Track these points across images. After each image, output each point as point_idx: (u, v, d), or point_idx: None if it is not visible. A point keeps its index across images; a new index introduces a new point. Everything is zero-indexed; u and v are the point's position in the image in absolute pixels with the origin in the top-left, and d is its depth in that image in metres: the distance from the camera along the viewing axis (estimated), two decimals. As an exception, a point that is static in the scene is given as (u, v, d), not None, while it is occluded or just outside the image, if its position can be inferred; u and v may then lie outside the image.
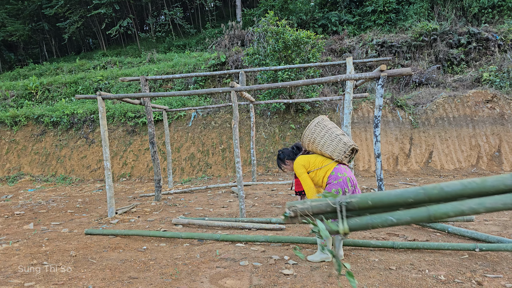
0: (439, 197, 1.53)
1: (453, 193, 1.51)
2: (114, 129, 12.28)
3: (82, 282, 3.22)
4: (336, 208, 1.69)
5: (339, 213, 1.68)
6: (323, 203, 1.70)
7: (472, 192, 1.47)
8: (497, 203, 1.43)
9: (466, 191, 1.48)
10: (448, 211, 1.49)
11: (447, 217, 1.50)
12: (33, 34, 21.64)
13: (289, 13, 15.23)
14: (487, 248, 3.35)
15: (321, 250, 3.41)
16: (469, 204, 1.46)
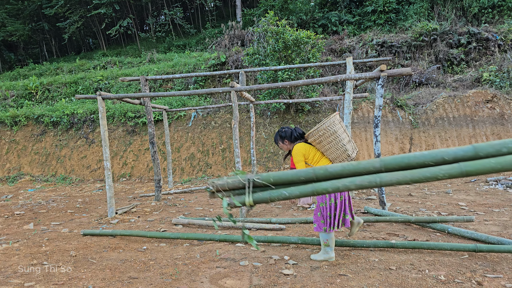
0: (324, 176, 1.89)
1: (335, 173, 1.87)
2: (114, 129, 12.28)
3: (82, 282, 3.22)
4: (245, 184, 1.99)
5: (246, 188, 1.98)
6: (236, 180, 2.00)
7: (349, 172, 1.83)
8: (364, 181, 1.77)
9: (344, 171, 1.83)
10: (327, 187, 1.86)
11: (327, 192, 1.86)
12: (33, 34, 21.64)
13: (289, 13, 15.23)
14: (487, 249, 3.35)
15: (323, 249, 3.45)
16: (343, 182, 1.81)
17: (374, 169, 1.78)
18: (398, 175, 1.72)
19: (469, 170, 1.64)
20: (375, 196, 6.57)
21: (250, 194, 1.97)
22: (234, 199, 1.99)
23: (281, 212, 5.68)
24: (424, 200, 6.16)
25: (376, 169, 1.78)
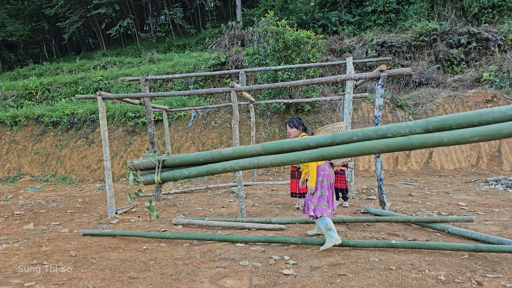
0: (218, 158, 2.15)
1: (227, 155, 2.12)
2: (114, 129, 12.28)
3: (82, 282, 3.22)
4: (156, 164, 2.27)
5: (156, 168, 2.27)
6: (149, 161, 2.30)
7: (237, 155, 2.08)
8: (245, 162, 2.06)
9: (234, 154, 2.09)
10: (218, 167, 2.11)
11: (217, 172, 2.11)
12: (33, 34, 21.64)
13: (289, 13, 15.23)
14: (487, 249, 3.35)
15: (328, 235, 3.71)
16: (230, 163, 2.09)
17: (257, 152, 2.06)
18: (272, 158, 2.01)
19: (324, 154, 1.95)
20: (375, 196, 6.58)
21: (159, 173, 2.24)
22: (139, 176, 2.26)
23: (281, 212, 5.68)
24: (424, 200, 6.16)
25: (258, 153, 2.05)
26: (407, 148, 1.73)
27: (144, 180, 2.29)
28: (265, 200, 6.74)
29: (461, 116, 1.70)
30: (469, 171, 9.32)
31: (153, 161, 2.29)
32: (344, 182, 5.82)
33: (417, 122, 1.77)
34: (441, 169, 9.61)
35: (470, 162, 9.59)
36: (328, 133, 3.76)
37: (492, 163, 9.38)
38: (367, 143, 1.83)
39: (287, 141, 1.97)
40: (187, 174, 2.20)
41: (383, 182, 5.23)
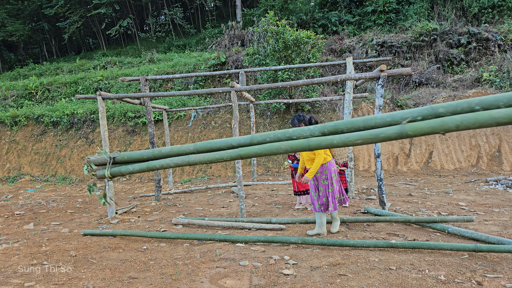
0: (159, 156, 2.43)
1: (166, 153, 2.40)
2: (114, 129, 12.28)
3: (82, 282, 3.22)
4: (107, 161, 2.54)
5: (108, 164, 2.54)
6: (102, 157, 2.57)
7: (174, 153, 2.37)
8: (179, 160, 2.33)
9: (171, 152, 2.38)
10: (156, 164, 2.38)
11: (156, 168, 2.38)
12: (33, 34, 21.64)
13: (289, 13, 15.23)
14: (487, 249, 3.35)
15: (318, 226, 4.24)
16: (166, 161, 2.35)
17: (190, 151, 2.32)
18: (200, 156, 2.27)
19: (242, 154, 2.20)
20: (375, 196, 6.58)
21: (109, 168, 2.52)
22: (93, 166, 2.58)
23: (281, 212, 5.68)
24: (424, 200, 6.16)
25: (191, 151, 2.29)
26: (306, 149, 2.05)
27: (97, 174, 2.55)
28: (265, 200, 6.74)
29: (350, 122, 1.98)
30: (469, 171, 9.32)
31: (105, 158, 2.57)
32: (344, 182, 5.82)
33: (316, 127, 2.05)
34: (441, 169, 9.62)
35: (470, 162, 9.59)
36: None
37: (492, 163, 9.38)
38: (276, 144, 2.12)
39: (216, 141, 2.24)
40: (132, 170, 2.49)
41: (383, 182, 5.23)
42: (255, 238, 4.08)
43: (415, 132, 1.88)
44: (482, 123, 1.70)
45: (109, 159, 2.56)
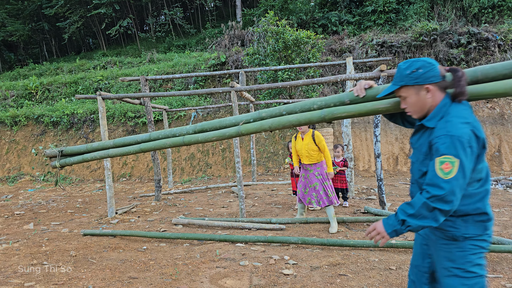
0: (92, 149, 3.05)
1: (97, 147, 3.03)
2: (114, 129, 12.28)
3: (82, 282, 3.22)
4: (57, 154, 3.17)
5: (57, 156, 3.16)
6: (53, 150, 3.21)
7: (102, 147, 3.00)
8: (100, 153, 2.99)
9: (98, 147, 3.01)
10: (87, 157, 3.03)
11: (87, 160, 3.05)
12: (33, 34, 21.64)
13: (289, 13, 15.23)
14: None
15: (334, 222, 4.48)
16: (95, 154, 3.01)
17: (110, 146, 2.99)
18: (117, 150, 2.92)
19: (142, 148, 2.82)
20: (375, 196, 6.58)
21: (58, 160, 3.19)
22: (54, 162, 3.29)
23: (281, 212, 5.68)
24: (424, 200, 6.16)
25: (111, 146, 2.96)
26: (181, 144, 2.70)
27: (51, 164, 3.24)
28: (265, 200, 6.74)
29: (211, 123, 2.60)
30: (469, 171, 9.32)
31: (56, 151, 3.21)
32: (344, 182, 5.82)
33: (191, 126, 2.67)
34: (441, 169, 9.61)
35: (470, 162, 9.59)
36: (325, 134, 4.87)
37: (492, 163, 9.38)
38: (163, 140, 2.74)
39: (128, 137, 2.92)
40: (72, 161, 3.13)
41: (383, 182, 5.23)
42: (255, 238, 4.08)
43: (247, 131, 2.47)
44: (284, 125, 2.34)
45: (58, 153, 3.18)
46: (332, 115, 2.13)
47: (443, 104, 1.64)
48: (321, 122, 2.23)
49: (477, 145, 1.55)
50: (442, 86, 1.65)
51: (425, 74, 1.62)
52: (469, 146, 1.51)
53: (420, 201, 1.54)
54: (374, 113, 2.03)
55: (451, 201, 1.50)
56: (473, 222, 1.62)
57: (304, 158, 4.57)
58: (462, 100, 1.62)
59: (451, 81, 1.65)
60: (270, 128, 2.38)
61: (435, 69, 1.63)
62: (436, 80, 1.63)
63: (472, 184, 1.61)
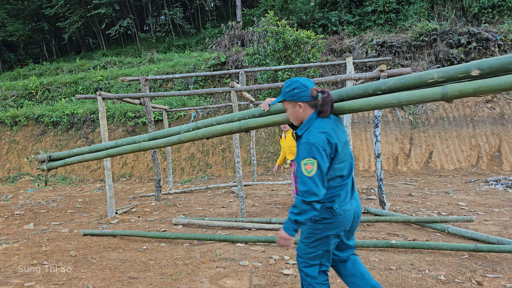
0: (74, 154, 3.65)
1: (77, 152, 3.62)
2: (114, 129, 12.28)
3: (82, 282, 3.22)
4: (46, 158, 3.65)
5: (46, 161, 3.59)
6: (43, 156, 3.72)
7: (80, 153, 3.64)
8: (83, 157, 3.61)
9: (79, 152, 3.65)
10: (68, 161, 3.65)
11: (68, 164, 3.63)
12: (33, 34, 21.64)
13: (289, 13, 15.23)
14: (487, 249, 3.35)
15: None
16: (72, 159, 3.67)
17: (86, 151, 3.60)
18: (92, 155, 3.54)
19: (109, 153, 3.36)
20: (375, 196, 6.58)
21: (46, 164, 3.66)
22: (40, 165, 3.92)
23: (281, 212, 5.68)
24: (424, 200, 6.16)
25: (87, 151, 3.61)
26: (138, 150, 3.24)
27: (41, 168, 3.67)
28: (265, 200, 6.74)
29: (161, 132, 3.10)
30: (469, 171, 9.32)
31: (45, 156, 3.65)
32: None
33: (146, 135, 3.21)
34: (441, 169, 9.62)
35: (470, 162, 9.59)
36: None
37: (492, 163, 9.38)
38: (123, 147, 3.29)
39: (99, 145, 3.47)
40: (57, 164, 3.65)
41: (383, 182, 5.23)
42: (255, 238, 4.08)
43: (186, 139, 2.90)
44: (213, 133, 2.79)
45: (47, 158, 3.67)
46: (247, 126, 2.58)
47: (310, 118, 2.08)
48: (240, 132, 2.70)
49: (330, 149, 1.97)
50: (311, 104, 2.08)
51: (299, 94, 2.06)
52: (323, 150, 1.94)
53: (298, 200, 1.93)
54: (275, 124, 2.51)
55: (317, 192, 1.90)
56: (324, 209, 2.04)
57: (288, 155, 4.86)
58: (325, 117, 2.05)
59: (319, 101, 2.07)
60: (203, 136, 2.83)
61: (307, 91, 2.06)
62: (306, 99, 2.06)
63: (335, 179, 2.04)
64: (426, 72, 1.98)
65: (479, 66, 1.81)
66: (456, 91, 1.87)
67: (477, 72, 1.83)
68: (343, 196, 2.07)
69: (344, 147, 2.07)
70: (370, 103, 2.13)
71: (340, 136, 2.06)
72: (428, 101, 1.99)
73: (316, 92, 2.08)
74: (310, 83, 2.09)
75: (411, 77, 2.02)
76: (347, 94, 2.21)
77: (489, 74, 1.80)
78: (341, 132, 2.09)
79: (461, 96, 1.88)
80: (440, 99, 1.93)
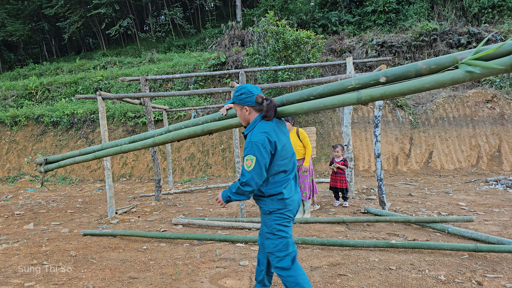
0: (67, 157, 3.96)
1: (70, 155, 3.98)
2: (114, 129, 12.28)
3: (82, 282, 3.22)
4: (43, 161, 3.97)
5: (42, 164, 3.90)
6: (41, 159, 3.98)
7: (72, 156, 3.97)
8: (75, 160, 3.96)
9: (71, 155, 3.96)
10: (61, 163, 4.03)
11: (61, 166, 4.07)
12: (33, 34, 21.64)
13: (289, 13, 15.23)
14: (487, 249, 3.35)
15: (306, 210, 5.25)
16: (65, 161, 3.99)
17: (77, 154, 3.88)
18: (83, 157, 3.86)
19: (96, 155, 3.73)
20: (375, 196, 6.58)
21: (43, 166, 3.96)
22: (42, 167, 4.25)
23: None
24: (424, 200, 6.16)
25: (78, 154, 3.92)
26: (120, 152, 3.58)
27: (38, 170, 3.99)
28: (265, 200, 6.73)
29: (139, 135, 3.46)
30: (469, 171, 9.32)
31: (42, 159, 3.95)
32: (344, 182, 5.82)
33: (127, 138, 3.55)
34: (441, 169, 9.62)
35: (470, 162, 9.59)
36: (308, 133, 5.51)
37: (492, 163, 9.38)
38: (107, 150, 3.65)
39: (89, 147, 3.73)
40: (52, 167, 3.93)
41: (383, 182, 5.23)
42: (255, 238, 4.08)
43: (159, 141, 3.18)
44: (182, 136, 3.07)
45: (44, 161, 3.96)
46: (208, 128, 2.89)
47: (255, 120, 2.37)
48: (203, 134, 2.99)
49: (270, 146, 2.26)
50: (256, 109, 2.37)
51: (245, 99, 2.35)
52: (263, 148, 2.23)
53: (236, 185, 2.29)
54: (231, 127, 2.78)
55: (252, 185, 2.24)
56: (276, 201, 2.34)
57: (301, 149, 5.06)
58: (268, 120, 2.35)
59: (264, 107, 2.36)
60: (173, 139, 3.11)
61: (253, 97, 2.35)
62: (251, 104, 2.36)
63: (278, 174, 2.35)
64: (347, 80, 2.26)
65: (385, 74, 2.11)
66: (368, 96, 2.16)
67: (384, 79, 2.12)
68: (289, 188, 2.39)
69: (285, 146, 2.38)
70: (303, 107, 2.43)
71: (280, 136, 2.37)
72: (347, 104, 2.26)
73: (261, 99, 2.36)
74: (257, 90, 2.38)
75: (334, 85, 2.32)
76: (288, 100, 2.50)
77: (394, 80, 2.11)
78: (281, 133, 2.40)
79: (371, 100, 2.16)
80: (356, 103, 2.21)
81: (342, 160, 5.91)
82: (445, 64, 1.97)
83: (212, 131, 2.89)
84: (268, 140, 2.26)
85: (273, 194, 2.34)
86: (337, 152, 5.92)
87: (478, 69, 1.83)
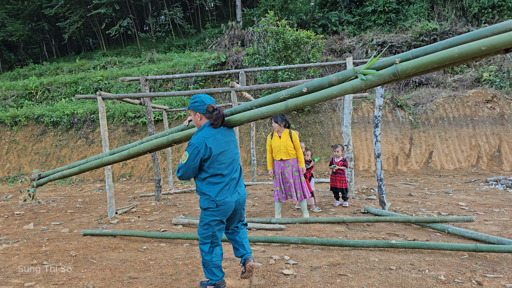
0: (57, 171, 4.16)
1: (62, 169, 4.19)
2: (114, 129, 12.28)
3: (82, 282, 3.22)
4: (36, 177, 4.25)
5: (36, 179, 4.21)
6: (35, 175, 4.26)
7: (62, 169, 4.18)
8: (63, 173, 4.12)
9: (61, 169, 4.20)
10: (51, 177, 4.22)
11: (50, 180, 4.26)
12: (33, 34, 21.64)
13: (289, 13, 15.23)
14: (487, 249, 3.34)
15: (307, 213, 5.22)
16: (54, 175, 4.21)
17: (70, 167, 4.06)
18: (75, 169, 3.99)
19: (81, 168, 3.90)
20: (375, 196, 6.58)
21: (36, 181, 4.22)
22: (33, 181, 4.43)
23: (281, 212, 5.68)
24: (424, 200, 6.16)
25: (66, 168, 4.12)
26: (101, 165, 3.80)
27: (31, 184, 4.24)
28: (265, 200, 6.74)
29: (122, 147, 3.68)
30: (469, 171, 9.32)
31: (36, 175, 4.23)
32: (344, 182, 5.82)
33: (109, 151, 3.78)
34: (441, 169, 9.62)
35: (470, 162, 9.59)
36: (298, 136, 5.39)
37: (492, 163, 9.38)
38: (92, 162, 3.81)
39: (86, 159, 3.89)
40: (44, 181, 4.20)
41: (383, 182, 5.23)
42: (255, 238, 4.08)
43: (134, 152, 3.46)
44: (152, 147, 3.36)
45: (37, 176, 4.23)
46: (173, 139, 3.18)
47: (203, 126, 2.75)
48: (169, 144, 3.29)
49: (204, 151, 2.63)
50: (207, 116, 2.75)
51: (198, 107, 2.73)
52: (197, 150, 2.64)
53: (178, 167, 2.79)
54: (191, 135, 3.03)
55: (181, 173, 2.74)
56: (208, 201, 2.68)
57: (283, 154, 5.06)
58: (215, 127, 2.72)
59: (213, 115, 2.71)
60: (144, 150, 3.40)
61: (204, 106, 2.72)
62: (202, 112, 2.73)
63: (215, 176, 2.70)
64: (279, 93, 2.69)
65: (307, 86, 2.56)
66: (293, 104, 2.58)
67: (305, 90, 2.56)
68: (224, 190, 2.70)
69: (224, 153, 2.72)
70: (245, 115, 2.79)
71: (221, 143, 2.71)
72: (278, 112, 2.67)
73: (211, 108, 2.73)
74: (210, 100, 2.75)
75: (271, 96, 2.72)
76: (236, 110, 2.87)
77: (313, 90, 2.54)
78: (224, 141, 2.74)
79: (296, 107, 2.60)
80: (285, 111, 2.64)
81: (342, 160, 5.91)
82: (348, 75, 2.40)
83: (176, 140, 3.18)
84: (204, 145, 2.63)
85: (206, 194, 2.70)
86: (337, 152, 5.92)
87: (370, 76, 2.26)
